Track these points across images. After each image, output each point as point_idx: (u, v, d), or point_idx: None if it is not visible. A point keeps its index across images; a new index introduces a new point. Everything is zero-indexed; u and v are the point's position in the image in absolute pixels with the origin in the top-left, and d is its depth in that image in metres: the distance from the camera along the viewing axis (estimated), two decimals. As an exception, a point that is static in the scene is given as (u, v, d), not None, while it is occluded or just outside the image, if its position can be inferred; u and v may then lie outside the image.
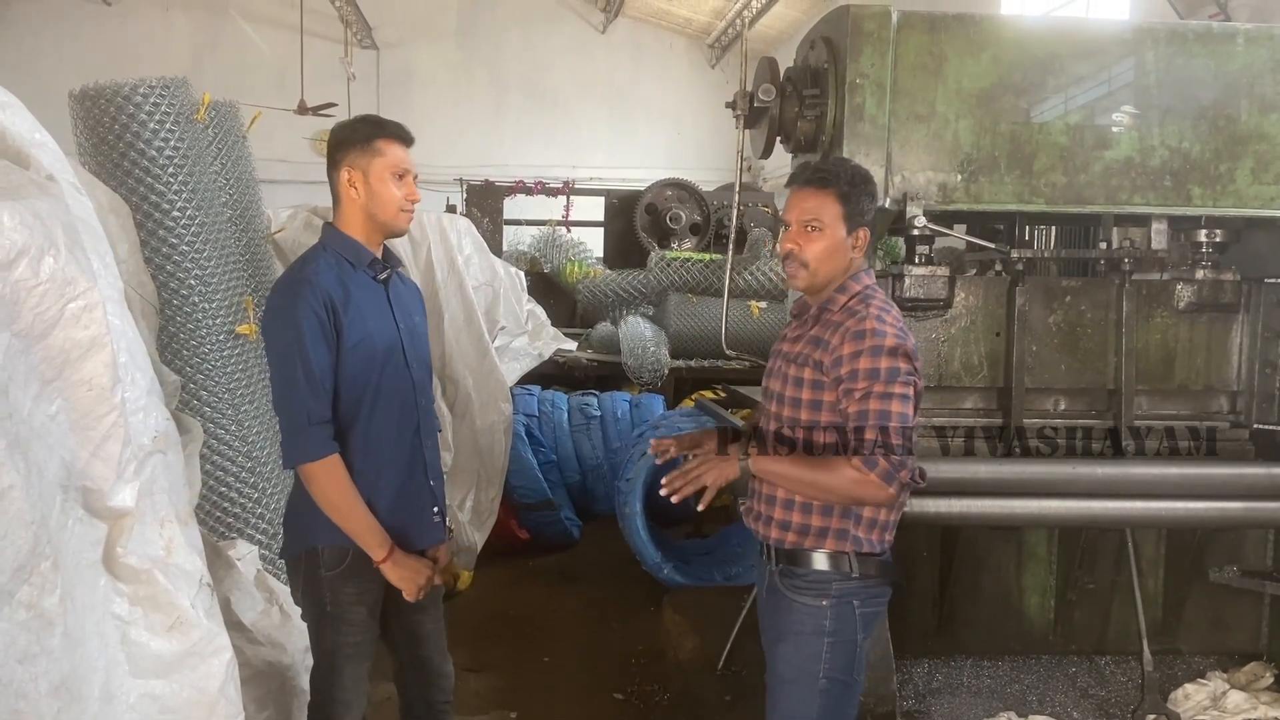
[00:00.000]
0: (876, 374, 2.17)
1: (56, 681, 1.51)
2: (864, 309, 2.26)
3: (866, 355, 2.18)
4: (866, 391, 2.17)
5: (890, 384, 2.17)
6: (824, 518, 2.28)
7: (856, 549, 2.27)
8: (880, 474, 2.15)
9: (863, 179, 2.33)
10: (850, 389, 2.20)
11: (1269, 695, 3.31)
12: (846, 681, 2.31)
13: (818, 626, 2.28)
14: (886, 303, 2.30)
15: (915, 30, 3.09)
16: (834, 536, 2.27)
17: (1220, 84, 3.19)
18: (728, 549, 5.47)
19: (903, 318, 2.30)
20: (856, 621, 2.29)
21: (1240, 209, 3.24)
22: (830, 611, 2.27)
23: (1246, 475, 3.21)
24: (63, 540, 1.60)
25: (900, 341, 2.20)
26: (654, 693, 4.01)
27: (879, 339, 2.18)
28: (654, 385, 6.94)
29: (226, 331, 3.18)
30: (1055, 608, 3.58)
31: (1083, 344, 3.41)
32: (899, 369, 2.18)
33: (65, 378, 1.64)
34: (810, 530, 2.29)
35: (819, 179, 2.33)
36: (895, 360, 2.18)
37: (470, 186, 9.63)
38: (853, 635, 2.29)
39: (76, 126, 3.08)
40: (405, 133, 2.48)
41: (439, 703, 2.72)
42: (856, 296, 2.31)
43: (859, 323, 2.22)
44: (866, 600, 2.30)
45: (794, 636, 2.32)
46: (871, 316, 2.22)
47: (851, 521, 2.27)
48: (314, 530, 2.42)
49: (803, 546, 2.30)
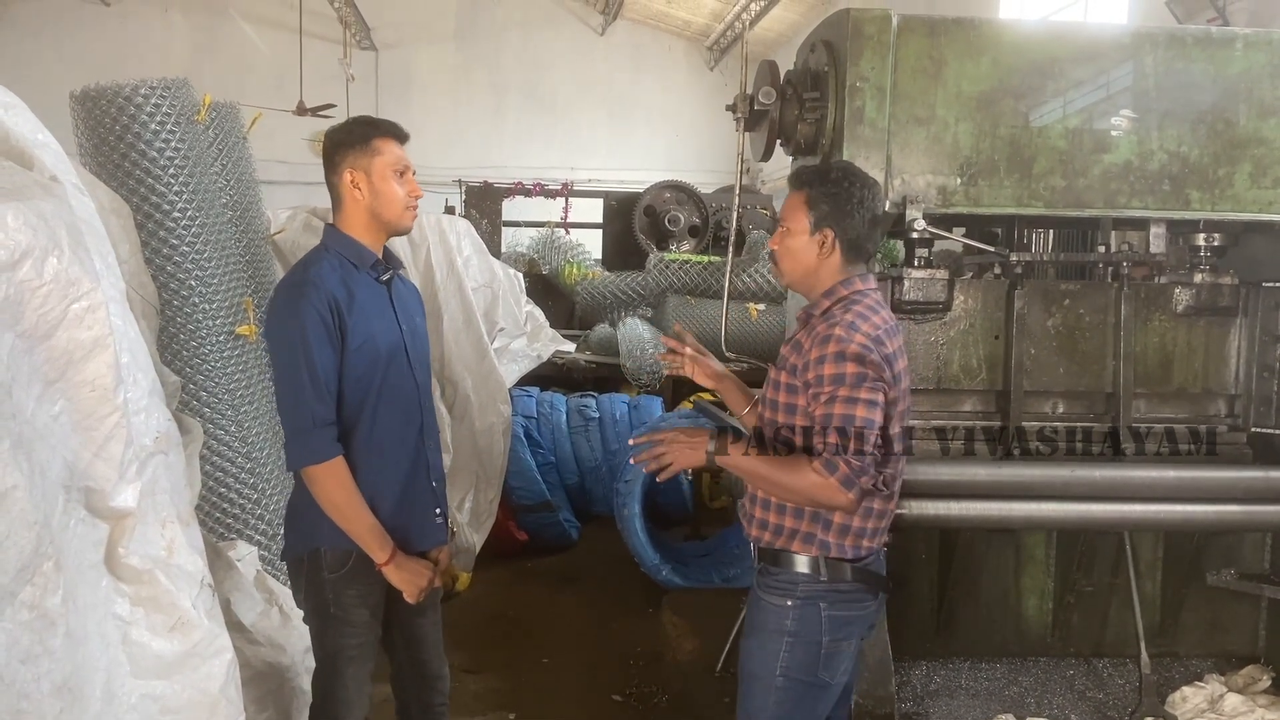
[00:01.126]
0: (841, 379, 2.17)
1: (59, 682, 1.52)
2: (841, 314, 2.25)
3: (831, 360, 2.18)
4: (831, 395, 2.18)
5: (856, 389, 2.17)
6: (795, 519, 2.30)
7: (824, 553, 2.28)
8: (840, 478, 2.14)
9: (835, 179, 2.31)
10: (818, 393, 2.21)
11: (1266, 698, 3.32)
12: (808, 682, 2.31)
13: (779, 625, 2.30)
14: (872, 309, 2.28)
15: (915, 34, 3.10)
16: (801, 539, 2.30)
17: (1218, 88, 3.20)
18: (726, 551, 5.48)
19: (889, 323, 2.28)
20: (822, 623, 2.29)
21: (1238, 213, 3.24)
22: (793, 612, 2.29)
23: (1244, 479, 3.21)
24: (65, 541, 1.60)
25: (865, 350, 2.18)
26: (653, 694, 4.01)
27: (843, 344, 2.18)
28: (652, 387, 6.94)
29: (226, 332, 3.18)
30: (1053, 610, 3.58)
31: (1081, 347, 3.42)
32: (865, 374, 2.17)
33: (68, 378, 1.65)
34: (783, 531, 2.32)
35: (793, 179, 2.37)
36: (862, 366, 2.17)
37: (469, 188, 9.64)
38: (816, 637, 2.29)
39: (77, 127, 3.09)
40: (400, 130, 2.49)
41: (435, 705, 2.72)
42: (841, 302, 2.30)
43: (829, 328, 2.22)
44: (836, 603, 2.30)
45: (759, 633, 2.36)
46: (843, 323, 2.21)
47: (820, 526, 2.28)
48: (317, 532, 2.42)
49: (775, 547, 2.33)
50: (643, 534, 5.03)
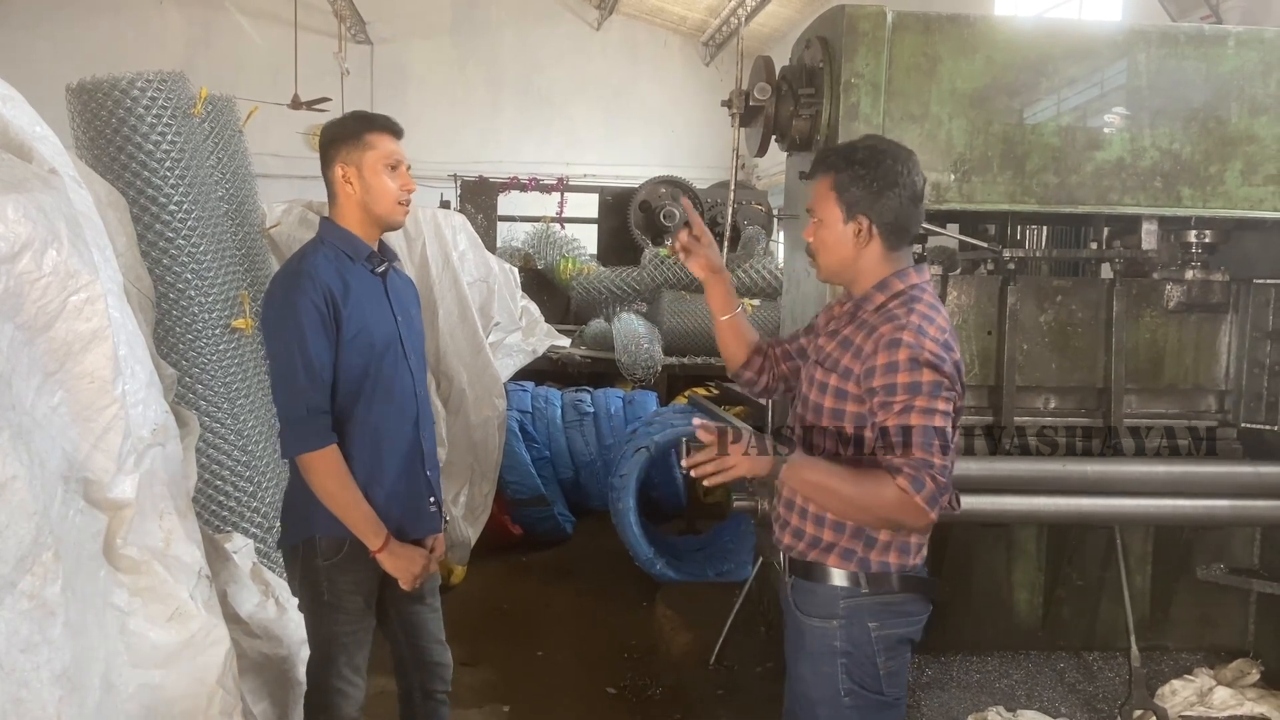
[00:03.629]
0: (918, 388, 1.96)
1: (58, 671, 1.53)
2: (904, 314, 2.02)
3: (905, 368, 1.96)
4: (907, 405, 1.96)
5: (933, 399, 1.96)
6: (835, 533, 2.12)
7: (864, 570, 2.11)
8: (925, 497, 1.94)
9: (862, 160, 2.09)
10: (888, 403, 1.98)
11: (1255, 691, 3.35)
12: (877, 699, 2.14)
13: (828, 646, 2.14)
14: (934, 307, 2.06)
15: (910, 31, 3.11)
16: (840, 554, 2.12)
17: (1211, 86, 3.21)
18: (720, 545, 5.50)
19: (950, 324, 2.09)
20: (874, 643, 2.12)
21: (1230, 210, 3.26)
22: (840, 632, 2.13)
23: (1234, 474, 3.24)
24: (64, 531, 1.62)
25: (941, 355, 1.98)
26: (647, 687, 4.03)
27: (915, 351, 1.96)
28: (647, 382, 6.95)
29: (223, 325, 3.19)
30: (1044, 604, 3.61)
31: (1073, 343, 3.44)
32: (941, 383, 1.97)
33: (67, 370, 1.66)
34: (820, 543, 2.14)
35: (818, 163, 2.17)
36: (938, 374, 1.97)
37: (465, 183, 9.64)
38: (871, 657, 2.12)
39: (74, 120, 3.09)
40: (394, 124, 2.51)
41: (437, 692, 2.74)
42: (898, 297, 2.07)
43: (896, 330, 1.99)
44: (886, 621, 2.12)
45: (809, 658, 2.18)
46: (911, 326, 1.99)
47: (861, 543, 2.10)
48: (311, 520, 2.45)
49: (808, 559, 2.16)
50: (637, 528, 5.04)
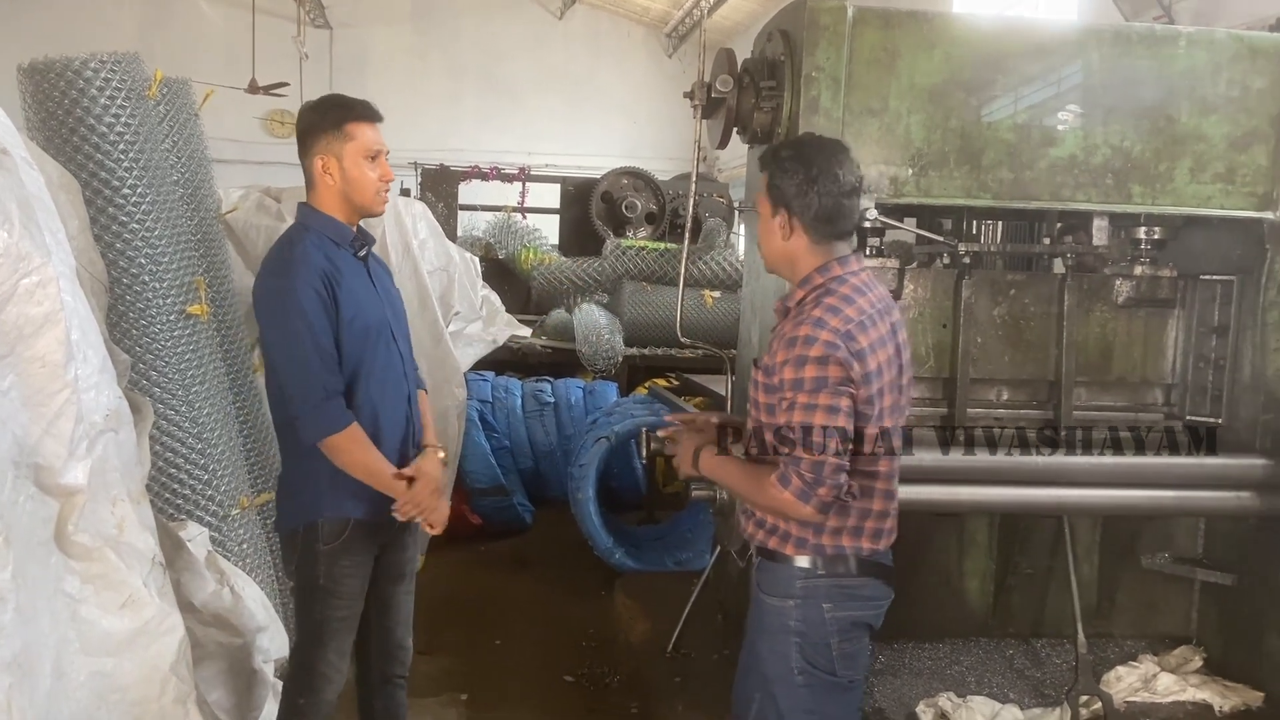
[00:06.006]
0: (800, 384, 2.07)
1: (8, 658, 1.51)
2: (810, 310, 2.13)
3: (792, 364, 2.08)
4: (791, 402, 2.08)
5: (815, 394, 2.05)
6: (786, 520, 2.20)
7: (819, 554, 2.19)
8: (794, 492, 2.04)
9: (785, 157, 2.19)
10: (783, 399, 2.11)
11: (1198, 678, 3.44)
12: (830, 680, 2.21)
13: (783, 625, 2.21)
14: (847, 298, 2.14)
15: (870, 26, 3.14)
16: (795, 543, 2.20)
17: (1162, 85, 3.28)
18: (678, 535, 5.53)
19: (869, 310, 2.14)
20: (827, 624, 2.18)
21: (1178, 207, 3.33)
22: (796, 612, 2.20)
23: (1178, 465, 3.30)
24: (14, 517, 1.59)
25: (829, 351, 2.05)
26: (604, 675, 4.05)
27: (806, 347, 2.06)
28: (608, 373, 6.97)
29: (178, 311, 3.15)
30: (994, 592, 3.68)
31: (1026, 336, 3.51)
32: (825, 379, 2.05)
33: (18, 354, 1.64)
34: (777, 530, 2.22)
35: (760, 159, 2.27)
36: (823, 369, 2.05)
37: (425, 171, 9.57)
38: (825, 639, 2.19)
39: (25, 101, 3.03)
40: (373, 111, 2.51)
41: (394, 675, 2.75)
42: (815, 292, 2.18)
43: (795, 328, 2.11)
44: (841, 604, 2.19)
45: (765, 635, 2.26)
46: (810, 320, 2.09)
47: (811, 530, 2.18)
48: (315, 505, 2.46)
49: (769, 546, 2.24)
50: (596, 518, 5.06)
